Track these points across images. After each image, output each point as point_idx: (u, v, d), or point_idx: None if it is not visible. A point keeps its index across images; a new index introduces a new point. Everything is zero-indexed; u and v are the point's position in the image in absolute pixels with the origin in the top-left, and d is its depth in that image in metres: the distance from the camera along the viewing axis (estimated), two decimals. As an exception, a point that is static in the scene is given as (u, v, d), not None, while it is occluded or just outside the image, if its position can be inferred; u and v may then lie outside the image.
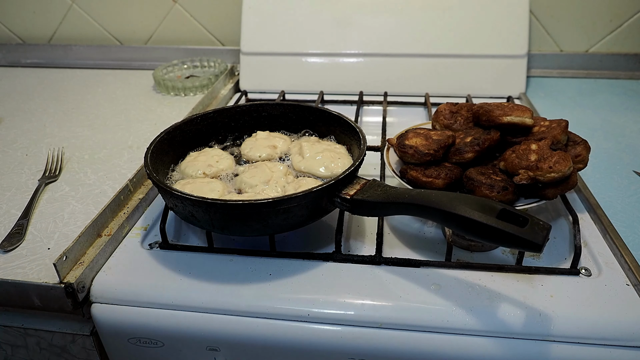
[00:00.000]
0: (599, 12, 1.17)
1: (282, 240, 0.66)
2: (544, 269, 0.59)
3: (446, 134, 0.70)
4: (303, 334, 0.56)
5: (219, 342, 0.58)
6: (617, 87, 1.16)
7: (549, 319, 0.53)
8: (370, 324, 0.55)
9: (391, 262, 0.61)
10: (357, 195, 0.58)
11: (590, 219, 0.69)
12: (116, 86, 1.22)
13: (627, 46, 1.20)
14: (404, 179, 0.67)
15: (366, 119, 1.06)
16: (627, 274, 0.59)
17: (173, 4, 1.31)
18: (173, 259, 0.63)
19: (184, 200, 0.58)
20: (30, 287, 0.57)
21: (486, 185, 0.61)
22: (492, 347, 0.53)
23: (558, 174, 0.60)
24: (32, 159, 0.86)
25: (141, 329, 0.59)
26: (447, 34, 1.10)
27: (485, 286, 0.57)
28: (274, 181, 0.66)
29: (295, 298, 0.57)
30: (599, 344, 0.53)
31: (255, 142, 0.76)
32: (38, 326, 0.64)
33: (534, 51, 1.22)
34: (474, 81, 1.10)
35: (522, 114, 0.68)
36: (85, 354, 0.65)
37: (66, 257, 0.58)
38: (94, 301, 0.60)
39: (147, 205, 0.75)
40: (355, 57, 1.14)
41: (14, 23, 1.41)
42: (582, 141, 0.69)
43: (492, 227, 0.46)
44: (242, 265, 0.62)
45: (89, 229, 0.63)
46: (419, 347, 0.55)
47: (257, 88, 1.17)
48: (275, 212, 0.56)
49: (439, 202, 0.51)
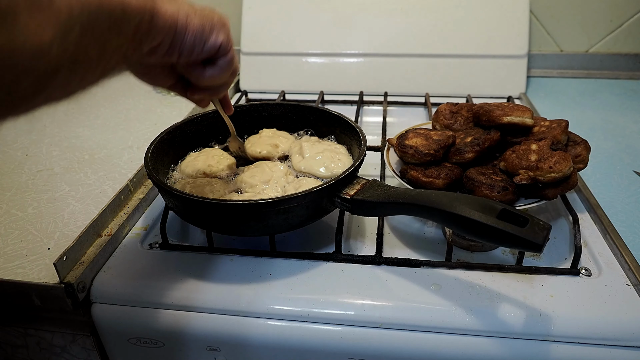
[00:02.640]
0: (599, 12, 1.17)
1: (282, 240, 0.66)
2: (544, 269, 0.59)
3: (446, 134, 0.70)
4: (303, 334, 0.56)
5: (219, 342, 0.58)
6: (617, 87, 1.16)
7: (549, 319, 0.53)
8: (370, 324, 0.55)
9: (391, 262, 0.61)
10: (357, 195, 0.58)
11: (590, 219, 0.69)
12: (116, 86, 1.22)
13: (627, 46, 1.20)
14: (404, 179, 0.67)
15: (366, 119, 1.06)
16: (627, 274, 0.59)
17: (173, 4, 1.30)
18: (173, 259, 0.63)
19: (184, 200, 0.58)
20: (30, 287, 0.57)
21: (486, 185, 0.61)
22: (492, 347, 0.53)
23: (558, 174, 0.60)
24: (32, 159, 0.86)
25: (141, 329, 0.59)
26: (447, 34, 1.11)
27: (485, 286, 0.57)
28: (274, 181, 0.66)
29: (295, 298, 0.57)
30: (599, 344, 0.53)
31: (258, 139, 0.77)
32: (38, 326, 0.64)
33: (534, 51, 1.22)
34: (474, 81, 1.10)
35: (522, 114, 0.68)
36: (85, 354, 0.65)
37: (66, 257, 0.58)
38: (94, 301, 0.60)
39: (147, 205, 0.75)
40: (356, 57, 1.14)
41: (14, 23, 1.40)
42: (582, 141, 0.69)
43: (493, 227, 0.46)
44: (242, 265, 0.62)
45: (89, 229, 0.63)
46: (419, 347, 0.55)
47: (257, 88, 1.17)
48: (275, 212, 0.56)
49: (439, 202, 0.51)
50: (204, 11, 0.46)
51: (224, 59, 0.50)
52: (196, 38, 0.45)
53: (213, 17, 0.47)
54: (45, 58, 0.31)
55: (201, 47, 0.46)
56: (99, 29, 0.34)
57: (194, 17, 0.44)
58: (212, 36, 0.47)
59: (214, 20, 0.47)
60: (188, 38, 0.45)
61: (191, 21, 0.44)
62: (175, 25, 0.43)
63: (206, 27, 0.46)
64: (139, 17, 0.38)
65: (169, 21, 0.42)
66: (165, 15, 0.41)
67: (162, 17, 0.41)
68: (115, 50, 0.38)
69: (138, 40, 0.40)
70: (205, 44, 0.47)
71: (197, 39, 0.45)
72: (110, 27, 0.35)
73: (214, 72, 0.51)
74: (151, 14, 0.40)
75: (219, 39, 0.47)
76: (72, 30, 0.32)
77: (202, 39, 0.46)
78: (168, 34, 0.43)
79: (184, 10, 0.43)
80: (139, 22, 0.39)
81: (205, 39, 0.46)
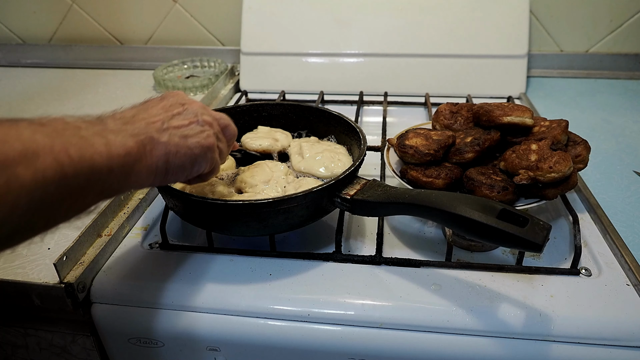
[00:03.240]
0: (599, 12, 1.17)
1: (282, 240, 0.66)
2: (544, 269, 0.59)
3: (446, 134, 0.70)
4: (303, 334, 0.56)
5: (219, 342, 0.58)
6: (617, 87, 1.16)
7: (549, 319, 0.53)
8: (370, 324, 0.55)
9: (391, 262, 0.61)
10: (358, 195, 0.58)
11: (590, 219, 0.69)
12: (116, 86, 1.22)
13: (627, 46, 1.20)
14: (404, 179, 0.67)
15: (366, 119, 1.06)
16: (627, 274, 0.59)
17: (173, 4, 1.31)
18: (173, 259, 0.63)
19: (184, 200, 0.58)
20: (30, 287, 0.57)
21: (486, 185, 0.61)
22: (492, 347, 0.53)
23: (558, 174, 0.60)
24: (32, 159, 0.86)
25: (141, 329, 0.59)
26: (448, 34, 1.10)
27: (485, 286, 0.57)
28: (274, 181, 0.66)
29: (295, 298, 0.57)
30: (599, 344, 0.53)
31: (255, 134, 0.77)
32: (38, 326, 0.64)
33: (534, 51, 1.22)
34: (474, 81, 1.10)
35: (522, 114, 0.68)
36: (85, 354, 0.65)
37: (66, 257, 0.58)
38: (94, 301, 0.60)
39: (147, 205, 0.75)
40: (356, 57, 1.14)
41: (14, 23, 1.41)
42: (582, 141, 0.69)
43: (493, 227, 0.46)
44: (242, 265, 0.62)
45: (89, 229, 0.63)
46: (419, 347, 0.55)
47: (257, 88, 1.17)
48: (276, 212, 0.56)
49: (439, 202, 0.51)
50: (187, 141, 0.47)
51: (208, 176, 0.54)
52: (178, 175, 0.48)
53: (193, 151, 0.48)
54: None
55: (183, 178, 0.49)
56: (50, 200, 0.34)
57: (174, 159, 0.45)
58: (193, 169, 0.49)
59: (194, 153, 0.48)
60: (168, 179, 0.47)
61: (171, 164, 0.45)
62: (154, 176, 0.44)
63: (186, 165, 0.48)
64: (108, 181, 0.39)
65: (144, 177, 0.43)
66: (142, 173, 0.42)
67: (138, 175, 0.42)
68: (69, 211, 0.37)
69: (104, 196, 0.40)
70: (188, 175, 0.49)
71: (180, 175, 0.48)
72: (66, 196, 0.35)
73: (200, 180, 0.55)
74: (127, 175, 0.40)
75: (200, 169, 0.50)
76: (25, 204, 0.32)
77: (184, 174, 0.48)
78: (145, 182, 0.44)
79: (164, 156, 0.44)
80: (108, 185, 0.39)
81: (188, 173, 0.49)
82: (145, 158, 0.42)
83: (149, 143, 0.43)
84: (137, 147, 0.41)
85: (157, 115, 0.46)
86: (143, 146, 0.42)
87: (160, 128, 0.45)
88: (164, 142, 0.44)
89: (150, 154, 0.43)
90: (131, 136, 0.41)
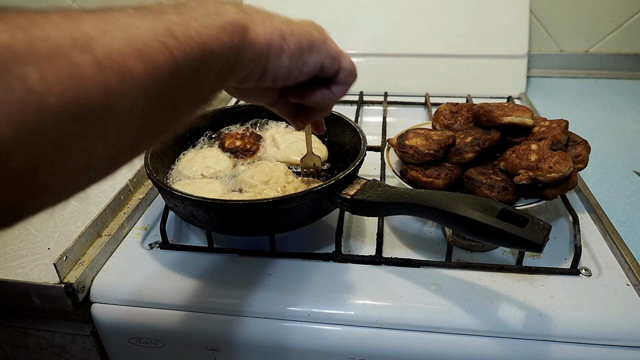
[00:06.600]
0: (599, 12, 1.17)
1: (282, 240, 0.66)
2: (544, 269, 0.59)
3: (446, 134, 0.70)
4: (303, 334, 0.56)
5: (219, 342, 0.58)
6: (617, 87, 1.16)
7: (549, 319, 0.53)
8: (370, 324, 0.55)
9: (391, 262, 0.61)
10: (358, 195, 0.58)
11: (590, 219, 0.69)
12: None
13: (627, 46, 1.20)
14: (404, 179, 0.67)
15: (366, 119, 1.06)
16: (627, 274, 0.59)
17: (173, 4, 1.30)
18: (173, 259, 0.63)
19: (184, 200, 0.58)
20: (30, 287, 0.57)
21: (486, 185, 0.61)
22: (492, 347, 0.53)
23: (558, 174, 0.60)
24: (32, 159, 0.86)
25: (141, 329, 0.59)
26: (447, 34, 1.10)
27: (485, 286, 0.57)
28: (274, 181, 0.66)
29: (295, 298, 0.57)
30: (599, 344, 0.53)
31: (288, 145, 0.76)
32: (38, 326, 0.64)
33: (534, 51, 1.22)
34: (474, 81, 1.10)
35: (522, 114, 0.68)
36: (85, 354, 0.65)
37: (66, 257, 0.58)
38: (94, 301, 0.60)
39: (147, 205, 0.75)
40: (355, 57, 1.14)
41: (14, 23, 1.40)
42: (582, 141, 0.69)
43: (493, 227, 0.46)
44: (242, 265, 0.62)
45: (89, 229, 0.63)
46: (419, 347, 0.55)
47: (257, 88, 1.17)
48: (275, 212, 0.56)
49: (439, 202, 0.51)
50: (302, 26, 0.41)
51: (343, 74, 0.45)
52: (292, 62, 0.39)
53: (312, 34, 0.41)
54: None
55: (299, 70, 0.41)
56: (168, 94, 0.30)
57: (290, 38, 0.38)
58: (311, 57, 0.41)
59: (312, 38, 0.41)
60: (282, 63, 0.39)
61: (286, 44, 0.38)
62: (268, 53, 0.37)
63: (304, 48, 0.40)
64: (222, 60, 0.33)
65: (259, 51, 0.36)
66: (256, 44, 0.36)
67: (252, 47, 0.35)
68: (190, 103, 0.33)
69: (220, 81, 0.35)
70: (303, 67, 0.41)
71: (294, 63, 0.39)
72: (183, 86, 0.30)
73: (325, 95, 0.46)
74: (239, 48, 0.34)
75: (319, 59, 0.41)
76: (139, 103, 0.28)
77: (300, 62, 0.40)
78: (259, 62, 0.37)
79: (278, 31, 0.38)
80: (222, 65, 0.33)
81: (303, 62, 0.40)
82: (255, 27, 0.35)
83: (254, 13, 0.36)
84: (241, 16, 0.34)
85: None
86: (248, 15, 0.35)
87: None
88: (273, 16, 0.38)
89: (262, 23, 0.36)
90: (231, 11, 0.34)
